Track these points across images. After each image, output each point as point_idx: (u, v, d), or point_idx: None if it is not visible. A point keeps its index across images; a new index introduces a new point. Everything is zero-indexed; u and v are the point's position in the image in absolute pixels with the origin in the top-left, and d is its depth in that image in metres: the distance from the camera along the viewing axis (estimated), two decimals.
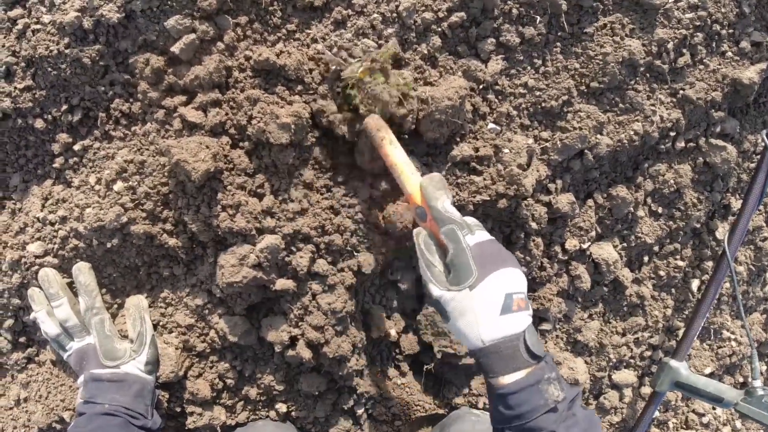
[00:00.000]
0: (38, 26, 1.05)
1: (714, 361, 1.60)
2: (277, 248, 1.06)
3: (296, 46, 1.10)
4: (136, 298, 1.17)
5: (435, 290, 0.88)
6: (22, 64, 1.07)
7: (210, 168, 1.03)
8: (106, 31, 1.06)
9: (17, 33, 1.06)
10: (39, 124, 1.10)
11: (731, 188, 1.46)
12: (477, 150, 1.17)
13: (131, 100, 1.11)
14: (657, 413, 1.60)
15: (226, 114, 1.07)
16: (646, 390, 1.55)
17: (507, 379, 0.83)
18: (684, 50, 1.28)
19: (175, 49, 1.06)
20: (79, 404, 1.08)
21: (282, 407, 1.26)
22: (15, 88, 1.07)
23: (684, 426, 1.64)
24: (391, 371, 1.36)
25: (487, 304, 0.85)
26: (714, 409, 1.65)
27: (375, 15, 1.10)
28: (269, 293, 1.14)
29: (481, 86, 1.18)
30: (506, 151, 1.19)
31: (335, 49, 1.09)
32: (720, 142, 1.37)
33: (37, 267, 1.12)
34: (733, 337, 1.59)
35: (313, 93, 1.08)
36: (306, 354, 1.13)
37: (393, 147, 1.01)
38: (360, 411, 1.31)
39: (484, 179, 1.18)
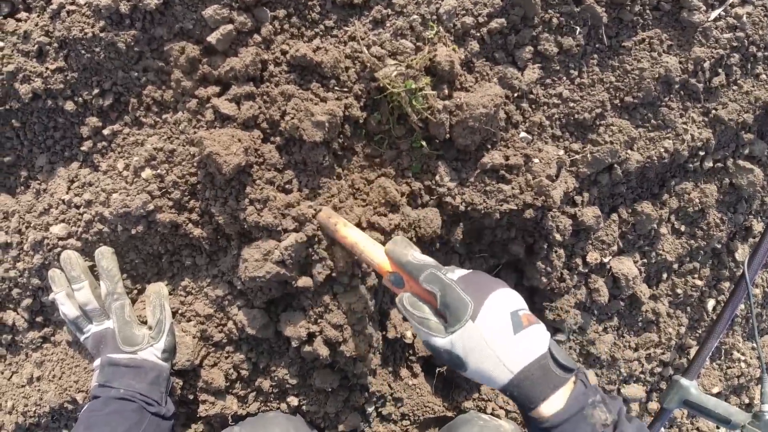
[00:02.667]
0: (73, 7, 1.04)
1: (722, 381, 1.60)
2: (302, 246, 1.06)
3: (333, 43, 1.09)
4: (156, 285, 1.17)
5: (439, 341, 0.81)
6: (55, 45, 1.06)
7: (241, 162, 1.02)
8: (142, 17, 1.05)
9: (51, 13, 1.05)
10: (69, 106, 1.09)
11: (754, 211, 1.45)
12: (507, 158, 1.16)
13: (164, 87, 1.10)
14: (663, 430, 1.61)
15: (260, 108, 1.06)
16: (654, 405, 1.56)
17: (548, 409, 0.75)
18: (719, 70, 1.27)
19: (212, 39, 1.05)
20: (93, 387, 1.09)
21: (293, 400, 1.26)
22: (47, 68, 1.06)
23: None
24: (404, 371, 1.36)
25: (496, 329, 0.78)
26: (718, 428, 1.65)
27: (414, 16, 1.09)
28: (290, 288, 1.14)
29: (515, 94, 1.17)
30: (536, 161, 1.18)
31: (373, 48, 1.08)
32: (748, 164, 1.36)
33: (59, 249, 1.12)
34: (743, 358, 1.59)
35: (348, 91, 1.07)
36: (323, 351, 1.13)
37: (347, 228, 1.01)
38: (370, 409, 1.31)
39: (513, 188, 1.17)
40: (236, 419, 1.26)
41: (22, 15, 1.07)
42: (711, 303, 1.50)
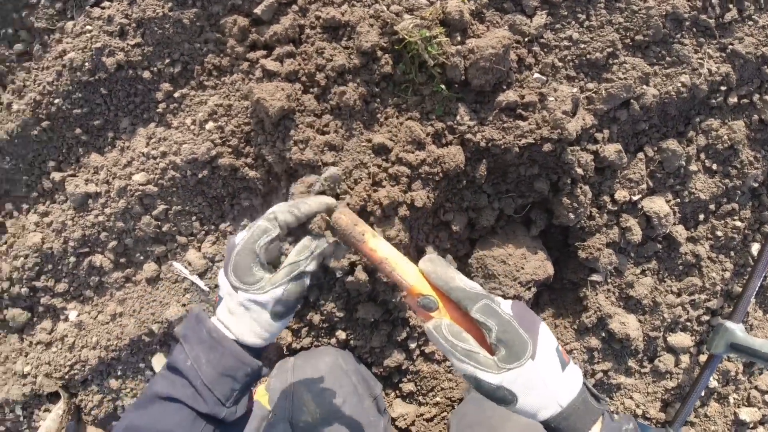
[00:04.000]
0: None
1: None
2: (338, 176, 1.20)
3: (359, 6, 1.26)
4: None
5: (492, 377, 0.76)
6: (133, 25, 1.30)
7: (284, 105, 1.19)
8: None
9: (129, 0, 1.30)
10: (146, 75, 1.33)
11: None
12: (523, 97, 1.27)
13: (221, 55, 1.32)
14: (717, 385, 1.57)
15: (299, 64, 1.25)
16: (705, 357, 1.53)
17: None
18: (730, 5, 1.32)
19: (258, 11, 1.26)
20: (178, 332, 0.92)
21: (342, 335, 1.38)
22: (127, 44, 1.31)
23: (746, 403, 1.58)
24: None
25: (551, 369, 0.78)
26: None
27: None
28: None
29: (526, 39, 1.28)
30: (551, 98, 1.28)
31: (392, 6, 1.24)
32: None
33: (140, 193, 1.33)
34: None
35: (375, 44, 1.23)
36: (362, 276, 1.25)
37: (377, 240, 0.88)
38: (413, 345, 1.40)
39: (529, 124, 1.26)
40: (292, 352, 1.39)
41: (106, 4, 1.32)
42: (756, 247, 1.48)
